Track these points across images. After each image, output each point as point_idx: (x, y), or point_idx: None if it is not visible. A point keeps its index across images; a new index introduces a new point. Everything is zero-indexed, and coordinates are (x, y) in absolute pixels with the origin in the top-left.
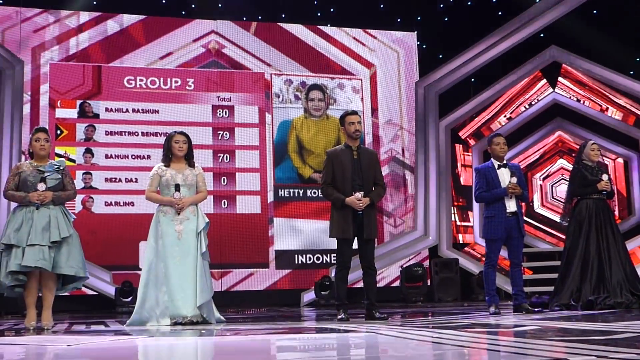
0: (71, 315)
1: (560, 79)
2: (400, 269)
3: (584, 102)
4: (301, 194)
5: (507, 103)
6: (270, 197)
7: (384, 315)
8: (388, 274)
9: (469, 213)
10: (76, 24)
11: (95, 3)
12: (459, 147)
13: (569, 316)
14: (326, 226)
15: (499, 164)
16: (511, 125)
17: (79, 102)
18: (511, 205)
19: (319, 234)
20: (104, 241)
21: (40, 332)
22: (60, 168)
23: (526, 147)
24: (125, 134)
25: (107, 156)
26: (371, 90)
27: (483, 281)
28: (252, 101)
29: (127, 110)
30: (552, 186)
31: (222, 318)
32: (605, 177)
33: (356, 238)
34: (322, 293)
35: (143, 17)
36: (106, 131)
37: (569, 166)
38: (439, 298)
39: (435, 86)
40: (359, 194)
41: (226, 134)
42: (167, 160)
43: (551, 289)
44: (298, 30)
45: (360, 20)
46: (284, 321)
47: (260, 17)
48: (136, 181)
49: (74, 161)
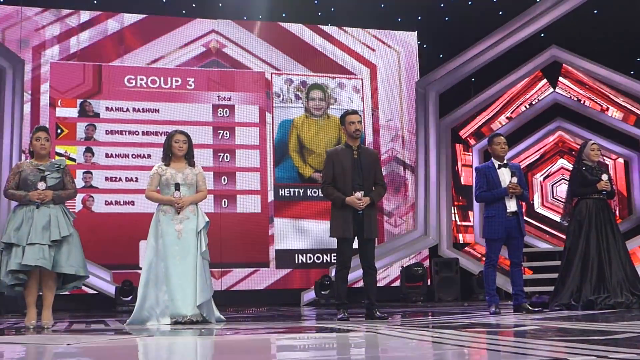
0: (71, 314)
1: (561, 78)
2: (400, 268)
3: (584, 102)
4: (301, 194)
5: (508, 103)
6: (271, 197)
7: (384, 315)
8: (388, 273)
9: (469, 213)
10: (77, 23)
11: (95, 2)
12: (460, 147)
13: (569, 316)
14: (326, 226)
15: (500, 163)
16: (511, 125)
17: (79, 101)
18: (511, 205)
19: (319, 234)
20: (104, 240)
21: (41, 331)
22: (61, 167)
23: (526, 147)
24: (126, 133)
25: (107, 155)
26: (372, 89)
27: (483, 281)
28: (252, 100)
29: (128, 110)
30: (552, 186)
31: (222, 317)
32: (604, 177)
33: (356, 238)
34: (322, 292)
35: (143, 16)
36: (106, 130)
37: (569, 166)
38: (439, 298)
39: (435, 86)
40: (359, 194)
41: (226, 133)
42: (167, 159)
43: (551, 288)
44: (299, 29)
45: (361, 19)
46: (284, 320)
47: (260, 17)
48: (136, 180)
49: (74, 160)
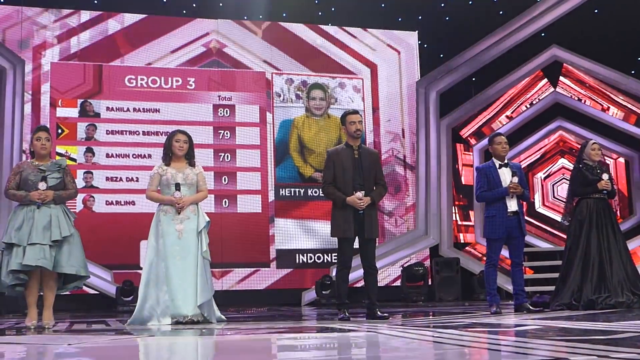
0: (72, 314)
1: (562, 78)
2: (401, 268)
3: (585, 101)
4: (302, 194)
5: (508, 102)
6: (271, 197)
7: (384, 315)
8: (389, 273)
9: (470, 212)
10: (77, 23)
11: (96, 2)
12: (460, 147)
13: (570, 316)
14: (327, 226)
15: (500, 163)
16: (512, 124)
17: (80, 101)
18: (512, 205)
19: (320, 234)
20: (105, 240)
21: (41, 331)
22: (62, 167)
23: (527, 147)
24: (126, 133)
25: (108, 155)
26: (372, 89)
27: (484, 281)
28: (253, 100)
29: (128, 110)
30: (553, 186)
31: (223, 317)
32: (605, 176)
33: (357, 237)
34: (323, 292)
35: (144, 16)
36: (107, 130)
37: (570, 166)
38: (439, 297)
39: (436, 85)
40: (359, 194)
41: (227, 133)
42: (168, 159)
43: (552, 288)
44: (299, 29)
45: (361, 19)
46: (285, 320)
47: (261, 17)
48: (137, 180)
49: (75, 160)
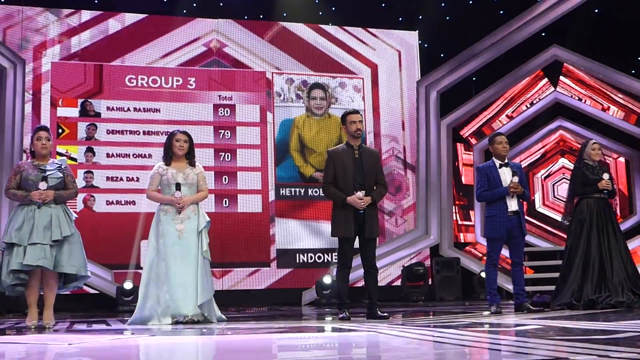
0: (72, 314)
1: (562, 77)
2: (401, 268)
3: (585, 101)
4: (302, 193)
5: (509, 102)
6: (272, 196)
7: (385, 314)
8: (389, 273)
9: (470, 212)
10: (77, 22)
11: (96, 2)
12: (460, 146)
13: (570, 315)
14: (328, 225)
15: (501, 163)
16: (512, 124)
17: (80, 100)
18: (512, 205)
19: (320, 233)
20: (105, 240)
21: (42, 331)
22: (62, 167)
23: (527, 146)
24: (127, 133)
25: (108, 155)
26: (372, 89)
27: (484, 280)
28: (253, 100)
29: (129, 109)
30: (553, 185)
31: (223, 317)
32: (606, 176)
33: (357, 237)
34: (324, 292)
35: (144, 15)
36: (107, 130)
37: (570, 165)
38: (440, 297)
39: (436, 85)
40: (360, 193)
41: (227, 132)
42: (168, 159)
43: (552, 288)
44: (299, 29)
45: (362, 19)
46: (285, 320)
47: (261, 16)
48: (137, 180)
49: (75, 160)
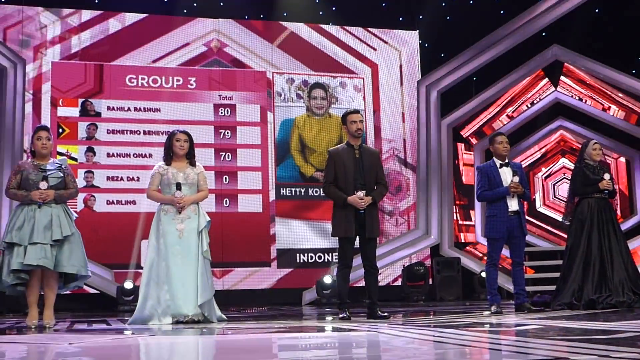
0: (73, 313)
1: (562, 77)
2: (402, 268)
3: (586, 101)
4: (303, 193)
5: (509, 102)
6: (272, 196)
7: (385, 314)
8: (390, 272)
9: (471, 212)
10: (78, 22)
11: (97, 2)
12: (461, 146)
13: (570, 315)
14: (328, 225)
15: (501, 162)
16: (513, 124)
17: (80, 100)
18: (513, 204)
19: (320, 233)
20: (106, 240)
21: (42, 331)
22: (62, 167)
23: (528, 146)
24: (127, 133)
25: (108, 155)
26: (373, 88)
27: (485, 280)
28: (254, 100)
29: (129, 109)
30: (553, 185)
31: (224, 317)
32: (607, 176)
33: (358, 237)
34: (324, 292)
35: (145, 15)
36: (108, 130)
37: (571, 165)
38: (440, 297)
39: (437, 85)
40: (360, 193)
41: (228, 132)
42: (169, 158)
43: (553, 288)
44: (300, 29)
45: (362, 18)
46: (286, 320)
47: (262, 16)
48: (138, 180)
49: (75, 160)
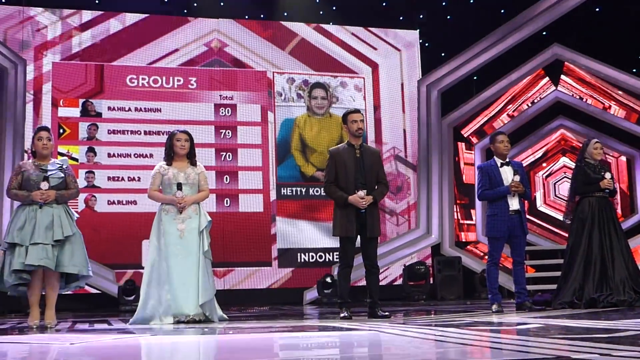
0: (74, 313)
1: (563, 76)
2: (402, 267)
3: (586, 100)
4: (304, 193)
5: (510, 101)
6: (273, 196)
7: (386, 314)
8: (391, 272)
9: (472, 211)
10: (78, 22)
11: (97, 2)
12: (462, 145)
13: (571, 314)
14: (329, 224)
15: (502, 162)
16: (514, 123)
17: (81, 101)
18: (514, 204)
19: (321, 233)
20: (107, 240)
21: (44, 331)
22: (63, 167)
23: (529, 145)
24: (128, 133)
25: (109, 155)
26: (373, 88)
27: (486, 279)
28: (254, 99)
29: (130, 109)
30: (554, 184)
31: (225, 316)
32: (608, 175)
33: (359, 236)
34: (325, 291)
35: (145, 15)
36: (109, 130)
37: (572, 164)
38: (441, 296)
39: (437, 84)
40: (361, 192)
41: (229, 132)
42: (169, 158)
43: (554, 287)
44: (300, 28)
45: (363, 18)
46: (287, 319)
47: (262, 16)
48: (139, 180)
49: (76, 160)
